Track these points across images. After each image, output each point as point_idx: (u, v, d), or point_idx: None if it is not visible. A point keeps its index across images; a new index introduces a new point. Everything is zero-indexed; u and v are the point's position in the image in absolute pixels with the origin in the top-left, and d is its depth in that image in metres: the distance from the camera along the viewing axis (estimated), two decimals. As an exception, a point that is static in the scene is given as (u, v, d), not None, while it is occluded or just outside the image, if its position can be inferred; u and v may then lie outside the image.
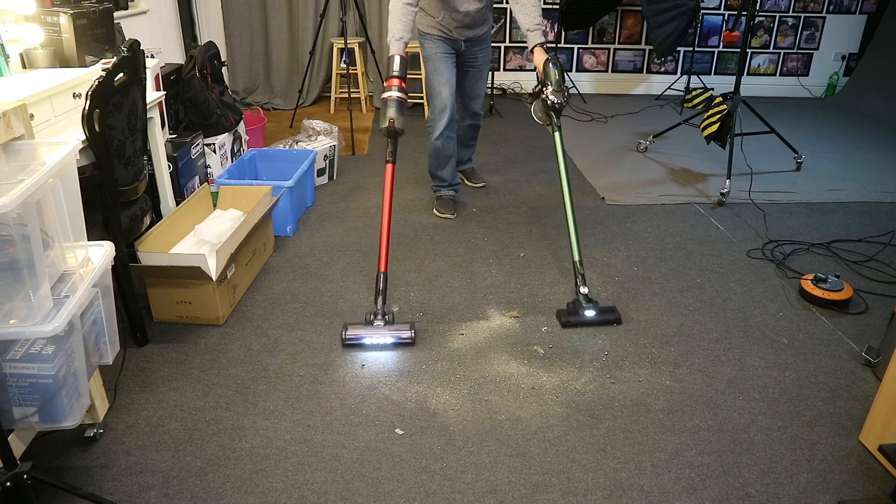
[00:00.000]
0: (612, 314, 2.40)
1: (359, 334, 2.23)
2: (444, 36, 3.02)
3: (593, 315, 2.36)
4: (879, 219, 3.37)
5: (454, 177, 3.36)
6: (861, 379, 2.11)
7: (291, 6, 5.34)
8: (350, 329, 2.24)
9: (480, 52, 3.15)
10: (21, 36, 2.49)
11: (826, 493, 1.66)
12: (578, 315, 2.37)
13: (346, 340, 2.22)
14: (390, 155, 2.43)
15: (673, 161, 4.24)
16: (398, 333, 2.24)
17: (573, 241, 2.46)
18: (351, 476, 1.68)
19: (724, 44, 6.08)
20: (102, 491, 1.62)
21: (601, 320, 2.38)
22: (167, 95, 3.08)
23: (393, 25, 2.64)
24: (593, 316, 2.36)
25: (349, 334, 2.23)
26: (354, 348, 2.22)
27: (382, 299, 2.30)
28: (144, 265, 2.24)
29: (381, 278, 2.32)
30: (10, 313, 1.34)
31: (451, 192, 3.39)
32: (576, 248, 2.46)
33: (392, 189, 2.40)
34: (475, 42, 3.10)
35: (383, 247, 2.35)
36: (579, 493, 1.64)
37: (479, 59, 3.16)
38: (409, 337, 2.23)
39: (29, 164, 1.44)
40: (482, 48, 3.15)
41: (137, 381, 2.04)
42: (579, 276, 2.42)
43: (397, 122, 2.38)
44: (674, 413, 1.93)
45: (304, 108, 5.42)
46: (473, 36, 3.06)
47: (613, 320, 2.39)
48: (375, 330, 2.24)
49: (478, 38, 3.09)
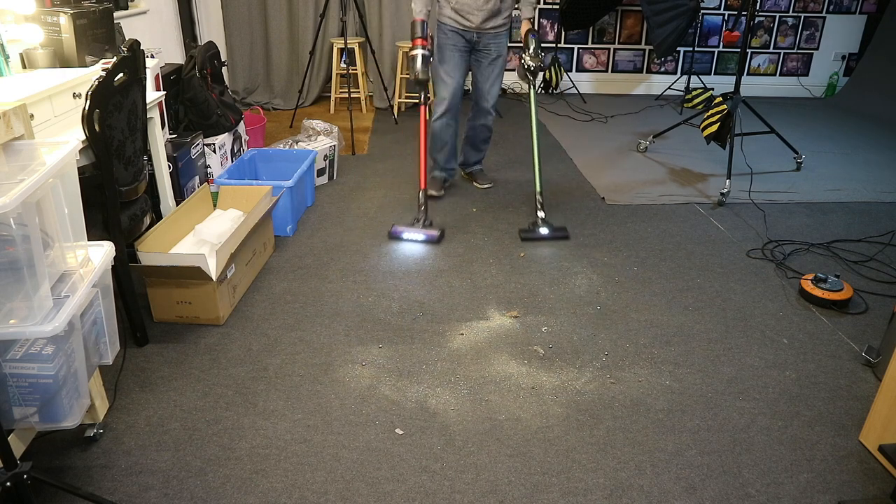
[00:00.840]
0: (562, 232, 3.06)
1: (399, 230, 2.99)
2: (457, 28, 3.17)
3: (547, 232, 3.02)
4: (879, 219, 3.37)
5: (448, 162, 3.55)
6: (861, 379, 2.11)
7: (291, 6, 5.34)
8: (395, 226, 3.01)
9: (494, 45, 3.24)
10: (21, 36, 2.49)
11: (826, 493, 1.66)
12: (534, 232, 3.03)
13: (391, 234, 3.01)
14: (423, 99, 3.12)
15: (673, 161, 4.24)
16: (429, 233, 2.98)
17: (536, 174, 3.12)
18: (351, 476, 1.68)
19: (724, 44, 6.08)
20: (102, 491, 1.62)
21: (553, 236, 3.03)
22: (167, 95, 3.08)
23: (415, 4, 3.09)
24: (547, 233, 3.03)
25: (393, 229, 3.00)
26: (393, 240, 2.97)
27: (424, 209, 3.04)
28: (144, 265, 2.24)
29: (422, 194, 3.07)
30: (10, 313, 1.34)
31: (443, 174, 3.57)
32: (538, 181, 3.11)
33: (426, 122, 3.13)
34: (489, 35, 3.20)
35: (422, 169, 3.09)
36: (579, 493, 1.64)
37: (493, 50, 3.25)
38: (435, 236, 2.96)
39: (29, 164, 1.44)
40: (497, 42, 3.24)
41: (137, 381, 2.04)
42: (538, 203, 3.06)
43: (421, 74, 3.04)
44: (674, 413, 1.93)
45: (304, 108, 5.42)
46: (489, 27, 3.17)
47: (563, 236, 3.04)
48: (413, 228, 2.99)
49: (492, 30, 3.19)
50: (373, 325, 2.35)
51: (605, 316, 2.44)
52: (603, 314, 2.45)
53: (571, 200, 3.56)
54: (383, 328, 2.34)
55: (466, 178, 3.81)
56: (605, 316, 2.44)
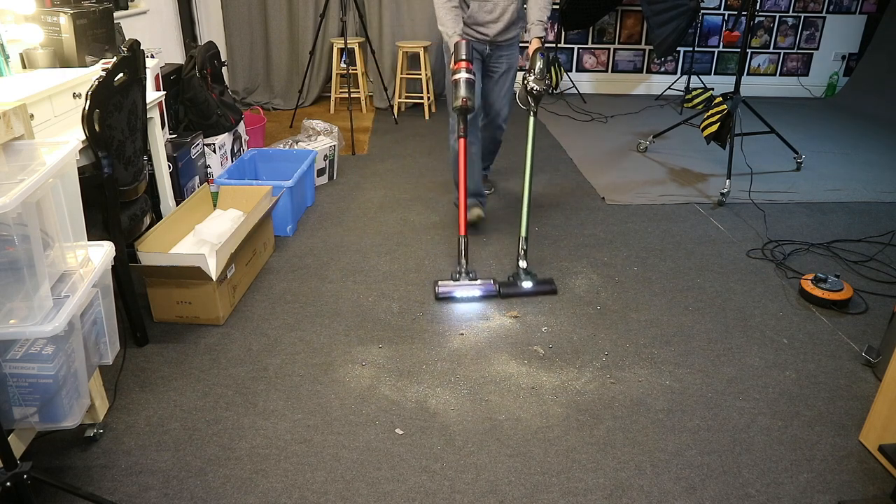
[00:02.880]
0: (548, 285, 2.58)
1: (450, 289, 2.50)
2: (472, 40, 2.94)
3: (530, 286, 2.55)
4: (879, 219, 3.37)
5: (478, 186, 3.12)
6: (861, 379, 2.11)
7: (291, 6, 5.34)
8: (441, 285, 2.52)
9: (506, 59, 3.04)
10: (21, 36, 2.49)
11: (826, 493, 1.66)
12: (515, 286, 2.55)
13: (439, 294, 2.49)
14: (462, 131, 2.69)
15: (673, 161, 4.24)
16: (485, 286, 2.51)
17: (524, 216, 2.66)
18: (351, 476, 1.68)
19: (724, 44, 6.08)
20: (102, 491, 1.62)
21: (537, 291, 2.55)
22: (167, 95, 3.08)
23: (445, 25, 2.81)
24: (530, 287, 2.55)
25: (441, 289, 2.50)
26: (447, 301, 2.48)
27: (466, 259, 2.59)
28: (144, 265, 2.24)
29: (462, 241, 2.61)
30: (10, 313, 1.34)
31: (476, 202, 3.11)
32: (524, 224, 2.66)
33: (466, 161, 2.67)
34: (501, 47, 3.00)
35: (462, 213, 2.64)
36: (579, 493, 1.64)
37: (505, 62, 3.05)
38: (494, 290, 2.50)
39: (29, 164, 1.44)
40: (507, 55, 3.04)
41: (137, 381, 2.04)
42: (521, 251, 2.62)
43: (469, 101, 2.63)
44: (674, 413, 1.93)
45: (304, 108, 5.42)
46: (502, 40, 2.97)
47: (549, 291, 2.57)
48: (465, 284, 2.52)
49: (504, 43, 2.99)
50: (373, 325, 2.35)
51: (605, 316, 2.44)
52: (603, 314, 2.45)
53: (571, 200, 3.56)
54: (383, 328, 2.34)
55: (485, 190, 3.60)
56: (605, 316, 2.44)
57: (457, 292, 2.50)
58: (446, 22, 2.80)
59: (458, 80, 2.65)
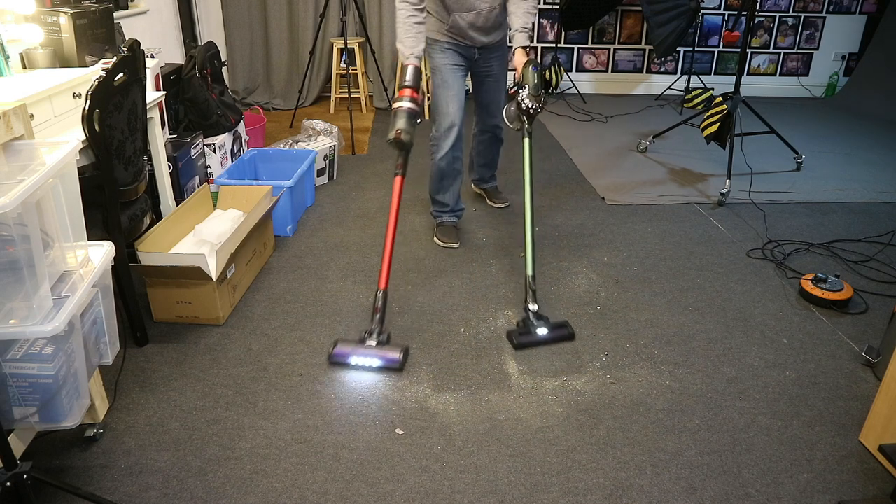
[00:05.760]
0: (564, 330, 2.28)
1: (345, 351, 2.10)
2: (455, 43, 2.74)
3: (545, 333, 2.24)
4: (879, 219, 3.37)
5: (458, 202, 3.01)
6: (861, 379, 2.11)
7: (291, 6, 5.34)
8: (339, 345, 2.12)
9: (496, 61, 2.88)
10: (21, 36, 2.49)
11: (826, 493, 1.66)
12: (531, 335, 2.24)
13: (331, 357, 2.11)
14: (399, 167, 2.34)
15: (673, 161, 4.24)
16: (386, 355, 2.09)
17: (529, 256, 2.33)
18: (351, 476, 1.68)
19: (724, 44, 6.08)
20: (102, 491, 1.62)
21: (553, 337, 2.26)
22: (167, 95, 3.08)
23: (403, 42, 2.51)
24: (545, 334, 2.24)
25: (336, 351, 2.11)
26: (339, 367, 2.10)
27: (380, 318, 2.17)
28: (144, 265, 2.24)
29: (380, 296, 2.20)
30: (10, 313, 1.34)
31: (454, 218, 3.05)
32: (531, 264, 2.32)
33: (399, 203, 2.32)
34: (490, 49, 2.82)
35: (385, 263, 2.22)
36: (579, 493, 1.64)
37: (495, 67, 2.89)
38: (397, 361, 2.08)
39: (29, 164, 1.44)
40: (497, 56, 2.87)
41: (137, 381, 2.04)
42: (530, 293, 2.29)
43: (404, 134, 2.28)
44: (674, 413, 1.93)
45: (304, 108, 5.42)
46: (488, 42, 2.78)
47: (567, 336, 2.27)
48: (364, 349, 2.11)
49: (493, 45, 2.81)
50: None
51: (605, 316, 2.44)
52: (603, 314, 2.45)
53: (571, 200, 3.56)
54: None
55: (480, 195, 3.51)
56: (605, 316, 2.44)
57: (353, 359, 2.10)
58: (405, 40, 2.49)
59: (396, 109, 2.31)
